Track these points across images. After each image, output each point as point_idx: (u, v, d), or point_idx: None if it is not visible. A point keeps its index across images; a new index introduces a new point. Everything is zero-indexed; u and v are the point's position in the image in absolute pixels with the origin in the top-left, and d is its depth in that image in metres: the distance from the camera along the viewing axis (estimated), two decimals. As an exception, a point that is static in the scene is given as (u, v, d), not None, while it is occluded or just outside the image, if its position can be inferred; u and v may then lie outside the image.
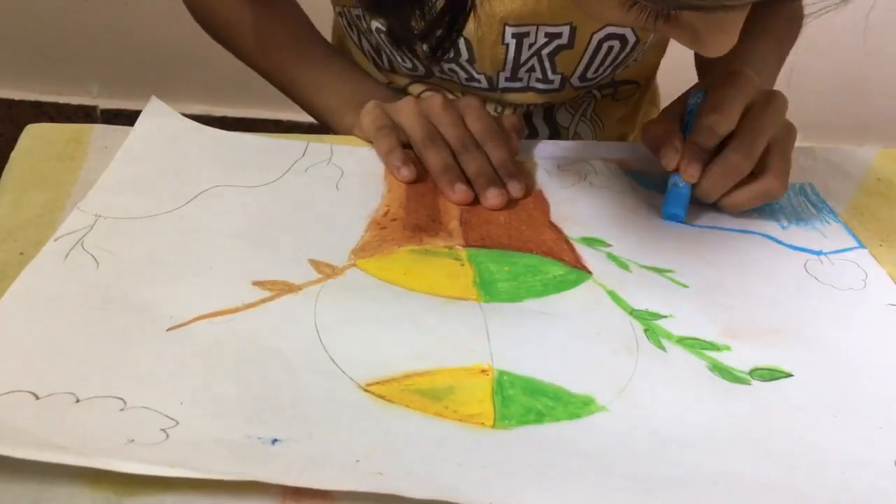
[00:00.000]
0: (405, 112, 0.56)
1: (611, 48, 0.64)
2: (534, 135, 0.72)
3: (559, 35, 0.62)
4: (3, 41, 1.56)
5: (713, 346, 0.42)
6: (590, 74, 0.66)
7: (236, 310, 0.40)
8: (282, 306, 0.40)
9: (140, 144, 0.52)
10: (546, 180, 0.56)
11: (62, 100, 1.62)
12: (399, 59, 0.66)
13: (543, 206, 0.53)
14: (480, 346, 0.39)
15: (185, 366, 0.36)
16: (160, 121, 0.55)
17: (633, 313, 0.43)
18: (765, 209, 0.55)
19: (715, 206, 0.54)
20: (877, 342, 0.44)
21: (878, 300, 0.47)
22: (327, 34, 0.74)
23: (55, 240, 0.43)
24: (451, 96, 0.64)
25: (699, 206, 0.54)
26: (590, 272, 0.46)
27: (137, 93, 1.60)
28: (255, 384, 0.36)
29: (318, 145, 0.56)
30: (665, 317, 0.43)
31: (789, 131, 0.54)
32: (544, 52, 0.63)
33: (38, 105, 1.62)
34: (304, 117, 0.68)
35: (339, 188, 0.52)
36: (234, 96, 1.57)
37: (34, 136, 0.53)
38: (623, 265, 0.48)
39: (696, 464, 0.35)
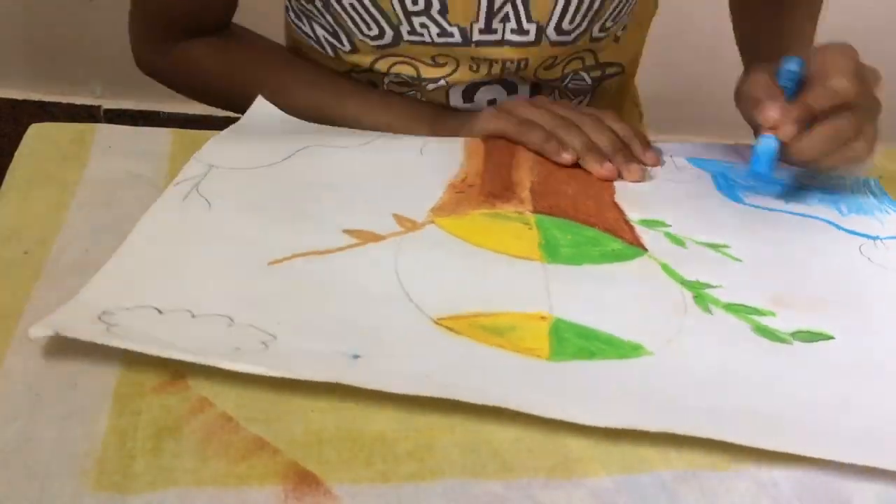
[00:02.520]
0: (528, 109, 0.61)
1: None
2: None
3: None
4: (6, 41, 1.57)
5: (758, 312, 0.44)
6: (566, 25, 0.64)
7: (328, 252, 0.45)
8: (367, 252, 0.45)
9: (251, 125, 0.58)
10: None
11: (65, 100, 1.62)
12: (364, 27, 0.64)
13: (610, 188, 0.56)
14: (541, 298, 0.43)
15: (282, 294, 0.41)
16: (267, 112, 0.60)
17: (685, 283, 0.46)
18: (826, 196, 0.58)
19: (777, 190, 0.57)
20: None
21: None
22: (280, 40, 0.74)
23: (176, 184, 0.48)
24: (415, 74, 0.66)
25: (761, 189, 0.57)
26: (645, 249, 0.49)
27: (140, 93, 1.60)
28: (341, 311, 0.41)
29: None
30: (715, 287, 0.46)
31: (878, 103, 0.56)
32: None
33: (41, 105, 1.62)
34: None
35: (422, 153, 0.57)
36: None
37: (38, 135, 0.53)
38: (679, 242, 0.50)
39: (727, 400, 0.38)
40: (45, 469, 0.31)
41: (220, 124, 0.57)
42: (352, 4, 0.62)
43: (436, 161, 0.56)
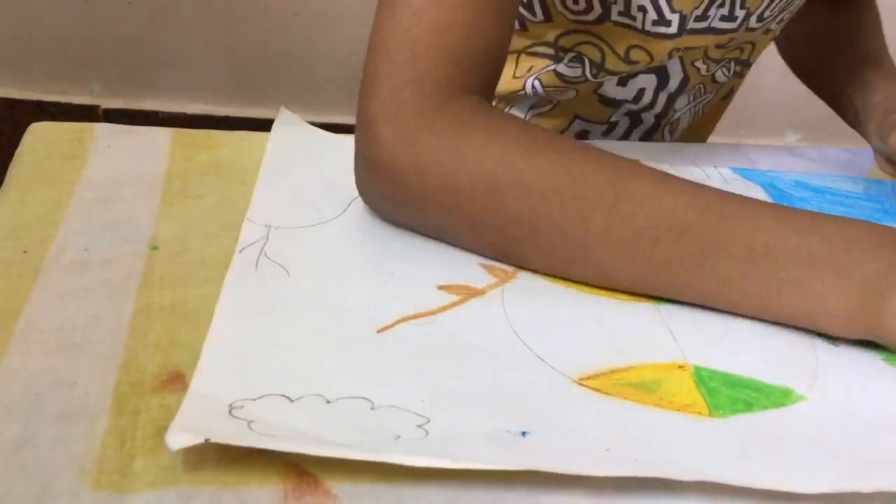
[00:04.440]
0: None
1: None
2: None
3: None
4: (5, 40, 1.56)
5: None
6: (766, 13, 0.61)
7: (433, 312, 0.42)
8: (473, 309, 0.42)
9: (281, 155, 0.54)
10: None
11: (64, 99, 1.62)
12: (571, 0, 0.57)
13: None
14: (669, 345, 0.41)
15: (408, 365, 0.38)
16: (292, 131, 0.57)
17: None
18: (882, 206, 0.57)
19: (832, 200, 0.56)
20: None
21: None
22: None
23: (240, 251, 0.44)
24: (600, 60, 0.60)
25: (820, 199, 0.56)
26: None
27: (139, 92, 1.61)
28: (480, 380, 0.38)
29: None
30: None
31: None
32: None
33: (39, 105, 1.61)
34: (314, 116, 0.68)
35: None
36: (235, 95, 1.57)
37: (37, 135, 0.53)
38: None
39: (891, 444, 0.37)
40: (45, 469, 0.31)
41: (219, 124, 0.57)
42: None
43: None
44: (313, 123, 0.58)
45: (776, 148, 0.64)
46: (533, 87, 0.65)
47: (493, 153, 0.42)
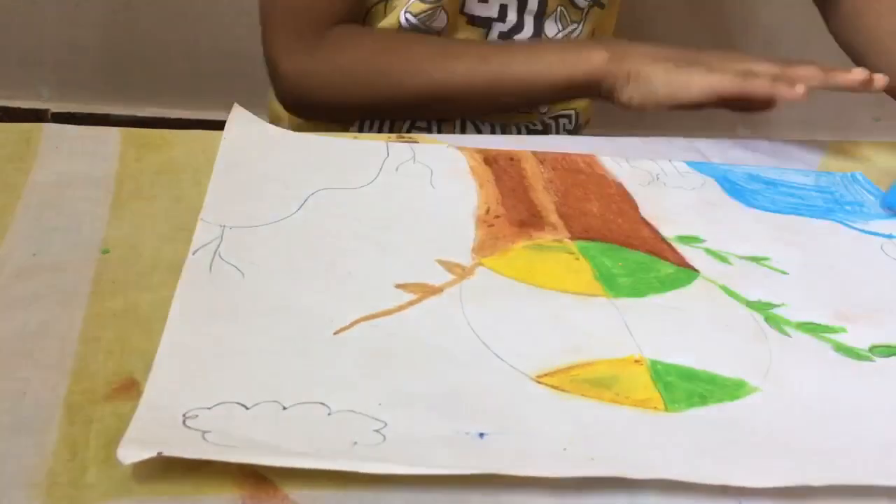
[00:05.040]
0: (737, 62, 0.60)
1: None
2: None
3: None
4: (-52, 44, 1.52)
5: (830, 329, 0.44)
6: None
7: (390, 312, 0.41)
8: (430, 307, 0.42)
9: (235, 153, 0.53)
10: (625, 178, 0.57)
11: (11, 104, 1.58)
12: None
13: (631, 201, 0.55)
14: (625, 339, 0.42)
15: (365, 368, 0.38)
16: (246, 128, 0.56)
17: (750, 305, 0.46)
18: (833, 197, 0.58)
19: (784, 192, 0.58)
20: None
21: None
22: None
23: (193, 253, 0.43)
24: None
25: (772, 191, 0.58)
26: (696, 270, 0.48)
27: (89, 96, 1.57)
28: (436, 380, 0.38)
29: (398, 144, 0.57)
30: (778, 305, 0.46)
31: None
32: None
33: (-15, 109, 1.58)
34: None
35: (434, 186, 0.54)
36: (188, 98, 1.54)
37: (-17, 137, 0.52)
38: (723, 259, 0.50)
39: (856, 435, 0.37)
40: None
41: (172, 127, 0.56)
42: None
43: (450, 192, 0.53)
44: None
45: (730, 142, 0.65)
46: (406, 20, 0.69)
47: (352, 54, 0.66)
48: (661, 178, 0.58)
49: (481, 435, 0.34)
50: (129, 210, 0.47)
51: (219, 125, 0.55)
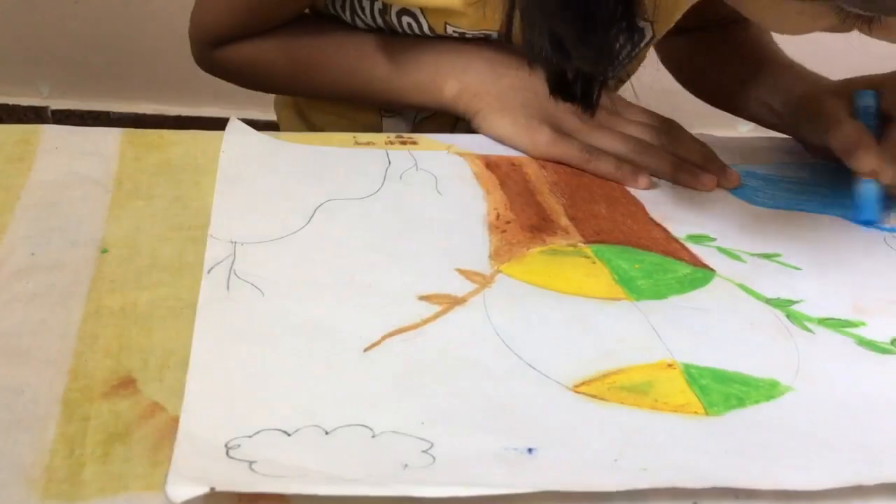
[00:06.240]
0: (595, 134, 0.58)
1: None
2: None
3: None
4: (-51, 42, 1.53)
5: (851, 324, 0.45)
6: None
7: (417, 325, 0.40)
8: (456, 318, 0.41)
9: (235, 166, 0.52)
10: None
11: (11, 101, 1.59)
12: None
13: (637, 202, 0.54)
14: (654, 343, 0.41)
15: (401, 385, 0.37)
16: (244, 140, 0.55)
17: (770, 302, 0.46)
18: (831, 190, 0.59)
19: (784, 188, 0.58)
20: None
21: None
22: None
23: (208, 271, 0.42)
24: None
25: (772, 188, 0.58)
26: (712, 269, 0.48)
27: (89, 93, 1.58)
28: (476, 395, 0.37)
29: (397, 152, 0.57)
30: (797, 301, 0.46)
31: None
32: None
33: (-15, 107, 1.59)
34: (260, 115, 0.67)
35: (440, 192, 0.53)
36: (187, 95, 1.55)
37: (-18, 137, 0.52)
38: (736, 257, 0.50)
39: (893, 427, 0.38)
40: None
41: (171, 124, 0.56)
42: (409, 24, 0.62)
43: (458, 199, 0.52)
44: (268, 123, 0.57)
45: (730, 139, 0.65)
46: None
47: (237, 65, 0.67)
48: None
49: (530, 450, 0.34)
50: (127, 210, 0.47)
51: (217, 122, 0.55)
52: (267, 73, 0.67)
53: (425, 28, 0.62)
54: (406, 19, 0.63)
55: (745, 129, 0.74)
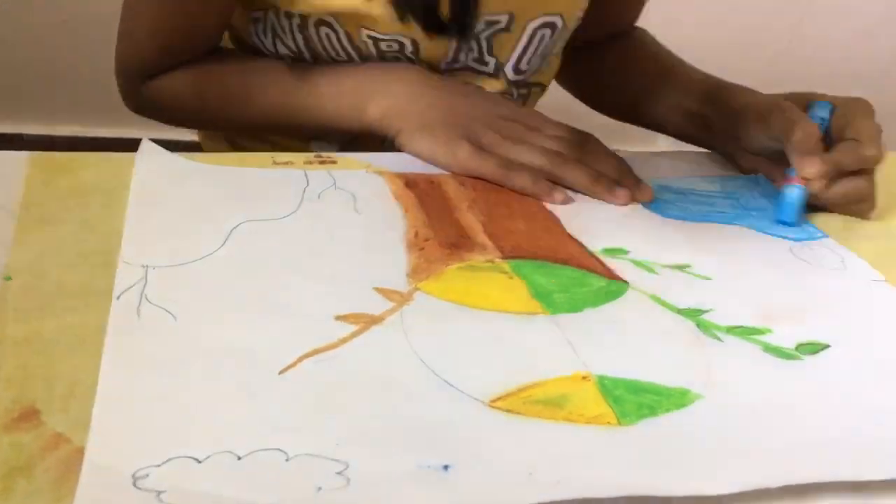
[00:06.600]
0: (513, 148, 0.59)
1: (542, 36, 0.67)
2: None
3: (498, 22, 0.65)
4: None
5: (758, 331, 0.46)
6: (522, 65, 0.68)
7: (333, 346, 0.40)
8: (373, 337, 0.41)
9: (148, 189, 0.51)
10: None
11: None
12: (334, 54, 0.65)
13: (553, 217, 0.55)
14: (569, 356, 0.42)
15: (317, 406, 0.36)
16: (157, 161, 0.54)
17: (681, 312, 0.47)
18: (739, 203, 0.60)
19: (695, 200, 0.60)
20: (879, 311, 0.50)
21: (862, 277, 0.53)
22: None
23: (118, 297, 0.41)
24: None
25: (684, 200, 0.59)
26: (626, 281, 0.49)
27: (1, 115, 1.53)
28: (392, 414, 0.37)
29: (316, 172, 0.56)
30: (707, 311, 0.47)
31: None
32: (482, 35, 0.65)
33: None
34: (180, 136, 0.66)
35: (358, 212, 0.53)
36: (105, 117, 1.52)
37: None
38: (648, 269, 0.51)
39: (797, 434, 0.38)
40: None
41: (88, 146, 0.55)
42: (327, 35, 0.63)
43: (376, 217, 0.52)
44: (189, 144, 0.56)
45: (648, 154, 0.66)
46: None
47: (169, 97, 0.67)
48: (569, 192, 0.59)
49: (445, 467, 0.34)
50: (33, 235, 0.45)
51: (136, 144, 0.54)
52: (193, 108, 0.68)
53: (342, 36, 0.63)
54: (324, 30, 0.64)
55: (664, 145, 0.76)
